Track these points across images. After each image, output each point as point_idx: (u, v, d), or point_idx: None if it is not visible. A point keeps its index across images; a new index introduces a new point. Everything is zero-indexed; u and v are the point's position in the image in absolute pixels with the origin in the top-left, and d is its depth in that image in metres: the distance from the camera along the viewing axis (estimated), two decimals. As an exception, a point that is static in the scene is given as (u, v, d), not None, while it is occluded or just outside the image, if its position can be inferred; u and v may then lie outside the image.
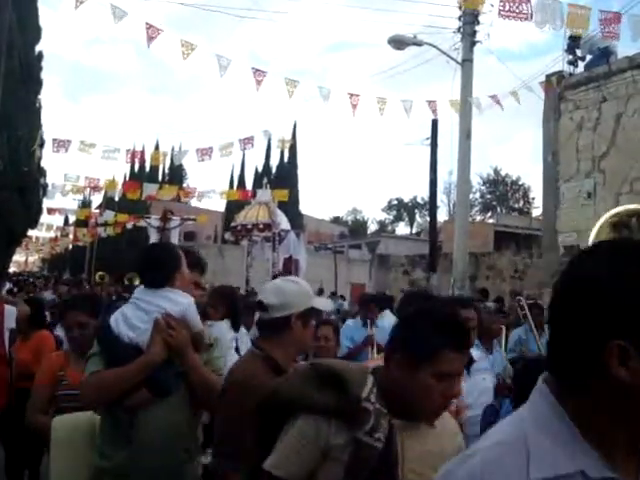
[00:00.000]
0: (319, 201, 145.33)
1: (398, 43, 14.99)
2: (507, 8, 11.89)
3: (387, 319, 7.96)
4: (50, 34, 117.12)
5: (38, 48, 31.21)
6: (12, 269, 44.83)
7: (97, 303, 4.52)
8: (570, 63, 16.53)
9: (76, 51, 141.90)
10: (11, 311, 6.25)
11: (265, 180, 28.10)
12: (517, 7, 11.90)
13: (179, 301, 3.30)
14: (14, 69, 24.97)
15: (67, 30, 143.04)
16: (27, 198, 29.52)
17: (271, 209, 22.52)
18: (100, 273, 27.64)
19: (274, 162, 51.08)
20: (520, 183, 68.63)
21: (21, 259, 66.78)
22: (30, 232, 36.42)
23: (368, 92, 15.67)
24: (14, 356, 5.97)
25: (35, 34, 30.73)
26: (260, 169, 50.49)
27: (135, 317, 3.24)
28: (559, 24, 12.14)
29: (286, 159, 49.85)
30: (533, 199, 63.33)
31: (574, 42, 16.19)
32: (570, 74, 16.57)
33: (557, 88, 16.18)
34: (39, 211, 32.10)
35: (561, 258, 16.27)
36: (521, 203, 67.83)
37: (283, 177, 45.87)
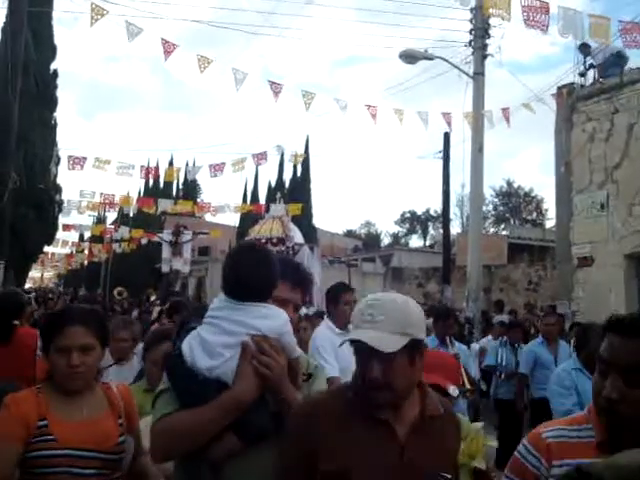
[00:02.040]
0: (332, 215, 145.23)
1: (409, 57, 15.11)
2: (530, 18, 12.03)
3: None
4: (66, 52, 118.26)
5: (53, 66, 31.59)
6: (28, 285, 45.05)
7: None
8: (581, 75, 16.57)
9: (91, 69, 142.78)
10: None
11: (278, 194, 28.19)
12: (540, 17, 12.03)
13: (274, 318, 2.57)
14: (30, 87, 25.27)
15: (83, 48, 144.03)
16: (43, 215, 29.79)
17: (285, 223, 22.59)
18: (119, 289, 27.76)
19: (287, 176, 51.14)
20: (533, 195, 68.41)
21: (37, 275, 67.07)
22: (46, 248, 36.67)
23: (383, 105, 15.78)
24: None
25: (50, 53, 31.09)
26: (273, 184, 50.55)
27: (216, 341, 2.50)
28: (580, 34, 12.28)
29: (299, 173, 49.92)
30: (546, 210, 63.06)
31: (585, 50, 16.21)
32: (582, 86, 16.61)
33: (569, 100, 16.22)
34: (55, 227, 32.36)
35: (575, 269, 16.25)
36: (534, 215, 67.55)
37: (296, 191, 45.94)
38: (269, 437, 2.44)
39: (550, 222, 49.63)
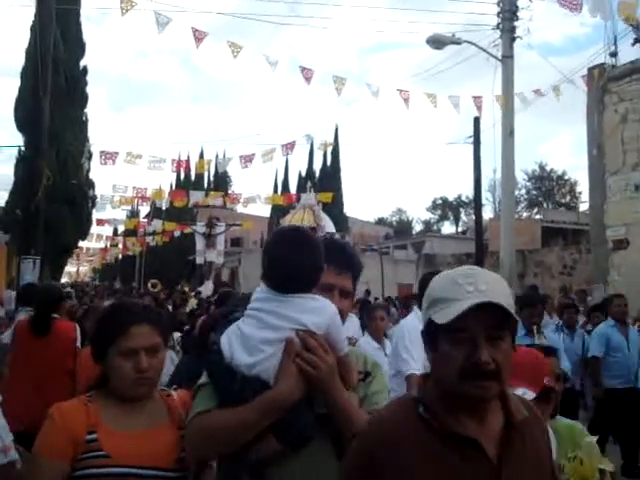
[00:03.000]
0: (363, 203, 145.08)
1: (437, 43, 14.99)
2: None
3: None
4: (96, 49, 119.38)
5: (83, 63, 31.87)
6: (64, 280, 45.67)
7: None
8: (612, 55, 16.32)
9: (121, 64, 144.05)
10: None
11: (309, 184, 28.27)
12: None
13: (322, 311, 2.32)
14: (60, 85, 25.52)
15: (112, 44, 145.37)
16: (77, 210, 30.13)
17: (316, 212, 22.64)
18: (153, 281, 27.97)
19: (317, 166, 51.20)
20: (566, 178, 67.75)
21: (72, 270, 67.98)
22: (80, 243, 37.13)
23: (413, 90, 15.68)
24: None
25: (79, 50, 31.36)
26: (303, 173, 50.62)
27: (256, 336, 2.29)
28: (610, 13, 12.19)
29: (329, 162, 49.91)
30: (580, 193, 62.39)
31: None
32: (613, 66, 16.37)
33: (600, 81, 15.99)
34: (89, 222, 32.74)
35: (610, 252, 16.07)
36: (568, 198, 66.87)
37: (326, 180, 45.95)
38: (313, 440, 2.25)
39: (584, 205, 49.10)
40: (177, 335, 8.04)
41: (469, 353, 1.77)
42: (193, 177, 48.21)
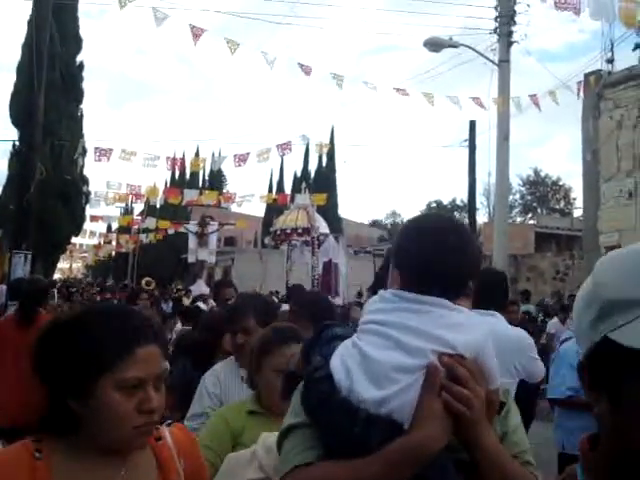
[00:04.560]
0: (358, 205, 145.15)
1: (434, 45, 15.00)
2: (562, 0, 12.02)
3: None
4: (93, 44, 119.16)
5: (79, 58, 31.80)
6: (57, 276, 45.55)
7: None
8: (609, 62, 16.36)
9: (117, 60, 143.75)
10: None
11: (304, 184, 28.22)
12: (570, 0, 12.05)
13: (473, 327, 1.73)
14: (56, 80, 25.48)
15: (110, 40, 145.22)
16: (70, 206, 30.08)
17: (310, 213, 22.60)
18: (147, 279, 27.90)
19: (312, 167, 51.23)
20: (560, 183, 67.80)
21: (65, 266, 67.75)
22: (74, 239, 37.00)
23: (411, 91, 15.67)
24: None
25: (76, 45, 31.29)
26: (299, 174, 50.65)
27: (386, 360, 1.66)
28: (612, 17, 12.22)
29: (324, 163, 49.93)
30: (574, 199, 62.50)
31: None
32: (609, 72, 16.40)
33: (596, 87, 16.02)
34: (82, 218, 32.65)
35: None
36: (562, 204, 66.99)
37: (321, 181, 45.96)
38: None
39: (578, 211, 49.21)
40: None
41: None
42: (188, 175, 48.18)
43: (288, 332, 2.89)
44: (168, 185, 41.76)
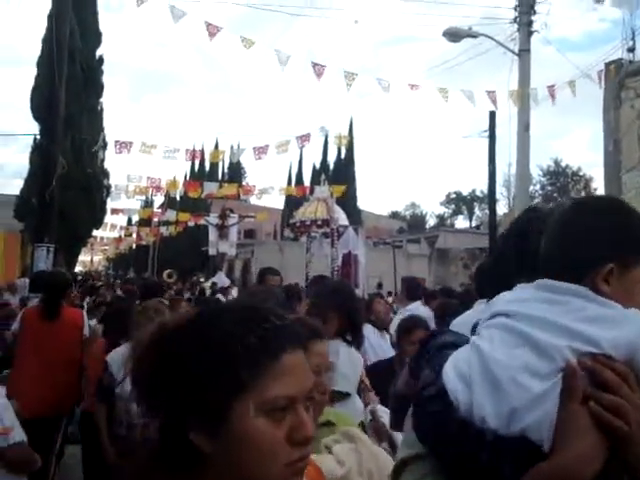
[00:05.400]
0: (377, 196, 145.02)
1: (453, 36, 14.92)
2: None
3: None
4: (112, 38, 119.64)
5: (99, 52, 31.93)
6: (78, 268, 45.90)
7: None
8: (630, 50, 16.20)
9: (137, 54, 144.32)
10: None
11: (323, 176, 28.20)
12: None
13: (623, 321, 1.36)
14: (76, 74, 25.59)
15: (130, 34, 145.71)
16: (91, 199, 30.21)
17: (329, 205, 22.60)
18: (168, 271, 28.13)
19: (331, 158, 51.22)
20: (581, 174, 67.47)
21: (86, 259, 68.23)
22: (95, 232, 37.20)
23: (426, 85, 15.64)
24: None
25: (96, 39, 31.41)
26: (317, 166, 50.63)
27: (516, 362, 1.32)
28: (634, 5, 12.19)
29: (343, 155, 49.87)
30: (595, 190, 62.10)
31: None
32: (630, 62, 16.25)
33: (617, 76, 15.88)
34: (103, 211, 32.81)
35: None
36: (583, 194, 66.54)
37: (340, 173, 45.90)
38: None
39: (599, 201, 48.77)
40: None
41: None
42: (207, 168, 48.31)
43: (313, 326, 2.38)
44: (188, 178, 41.91)
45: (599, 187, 55.18)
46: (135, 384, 1.30)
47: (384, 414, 3.21)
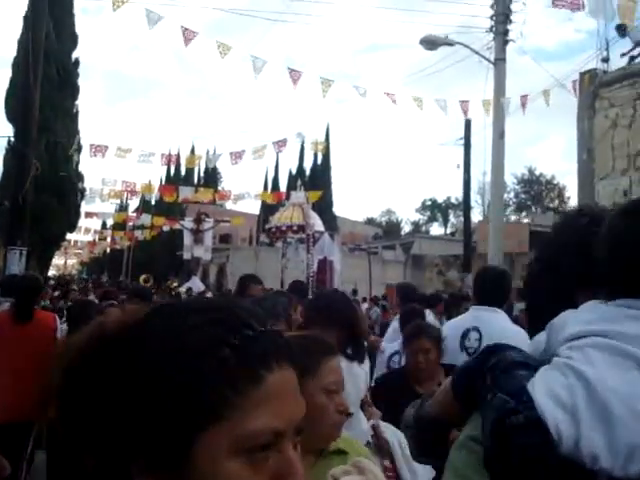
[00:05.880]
0: (353, 203, 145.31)
1: (430, 44, 15.02)
2: None
3: None
4: (90, 41, 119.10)
5: (75, 55, 31.76)
6: (51, 272, 45.50)
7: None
8: (604, 61, 16.40)
9: (113, 57, 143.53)
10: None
11: (299, 182, 28.21)
12: None
13: None
14: (51, 76, 25.43)
15: (107, 37, 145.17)
16: (65, 202, 29.99)
17: (305, 211, 22.62)
18: (144, 276, 27.92)
19: (308, 164, 51.27)
20: (555, 182, 68.12)
21: (60, 262, 67.68)
22: (69, 236, 37.01)
23: (403, 92, 15.76)
24: None
25: (72, 41, 31.25)
26: (294, 171, 50.64)
27: (630, 389, 1.10)
28: (610, 15, 12.28)
29: (319, 161, 49.92)
30: (568, 198, 62.81)
31: (622, 31, 16.01)
32: (604, 72, 16.44)
33: (591, 86, 16.05)
34: (77, 215, 32.59)
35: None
36: (556, 202, 67.17)
37: (317, 179, 45.96)
38: None
39: (572, 210, 49.32)
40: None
41: None
42: (183, 172, 48.15)
43: (325, 341, 2.22)
44: (163, 182, 41.75)
45: (572, 195, 55.85)
46: (59, 406, 0.93)
47: (386, 429, 3.14)
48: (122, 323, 0.94)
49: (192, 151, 37.92)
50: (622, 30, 15.95)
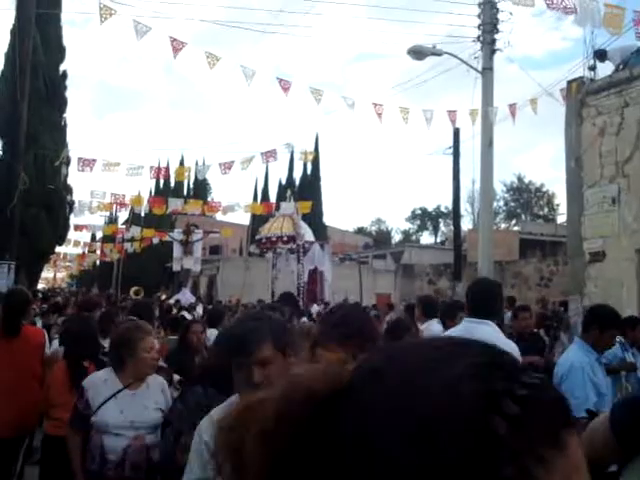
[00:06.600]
0: (343, 212, 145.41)
1: (418, 53, 15.06)
2: (553, 2, 12.21)
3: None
4: (77, 54, 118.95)
5: (63, 67, 31.69)
6: (41, 285, 45.29)
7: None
8: (591, 69, 16.46)
9: (101, 69, 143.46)
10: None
11: (289, 193, 28.23)
12: (562, 1, 12.21)
13: None
14: (39, 88, 25.38)
15: (94, 49, 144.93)
16: (54, 215, 29.86)
17: (295, 221, 22.64)
18: (135, 288, 27.82)
19: (297, 174, 51.29)
20: (544, 190, 68.43)
21: (49, 276, 67.34)
22: (58, 249, 36.77)
23: (390, 102, 15.81)
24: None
25: (59, 54, 31.18)
26: (283, 182, 50.66)
27: None
28: (597, 23, 12.37)
29: (309, 171, 49.95)
30: (558, 205, 63.08)
31: (601, 57, 16.06)
32: (591, 80, 16.51)
33: (578, 94, 16.12)
34: (66, 228, 32.45)
35: (587, 265, 16.16)
36: (546, 210, 67.47)
37: (306, 189, 45.99)
38: None
39: (562, 217, 49.54)
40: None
41: None
42: (172, 184, 48.05)
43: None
44: (153, 194, 41.65)
45: (561, 203, 56.05)
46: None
47: None
48: (332, 377, 0.69)
49: (181, 162, 37.82)
50: (601, 56, 16.04)
